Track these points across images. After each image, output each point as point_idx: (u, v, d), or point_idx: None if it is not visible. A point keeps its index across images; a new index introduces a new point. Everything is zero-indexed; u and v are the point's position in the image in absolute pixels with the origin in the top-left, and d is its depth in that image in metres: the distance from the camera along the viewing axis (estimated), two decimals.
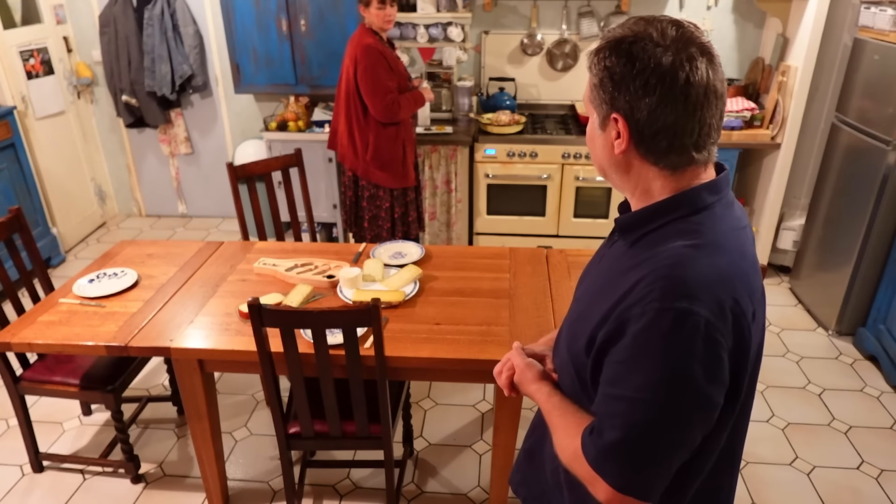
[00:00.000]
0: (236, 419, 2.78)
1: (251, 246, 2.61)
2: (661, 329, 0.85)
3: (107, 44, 4.20)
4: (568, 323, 1.10)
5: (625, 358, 0.89)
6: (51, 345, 2.00)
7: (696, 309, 0.84)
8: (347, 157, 3.26)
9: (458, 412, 2.82)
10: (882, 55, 2.93)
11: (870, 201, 3.00)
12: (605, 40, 0.93)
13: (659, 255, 0.91)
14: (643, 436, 0.88)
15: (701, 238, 0.91)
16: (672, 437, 0.89)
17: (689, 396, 0.86)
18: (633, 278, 0.91)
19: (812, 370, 3.07)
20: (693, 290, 0.85)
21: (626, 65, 0.89)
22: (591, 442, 0.93)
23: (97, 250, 4.33)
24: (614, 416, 0.90)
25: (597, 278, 1.06)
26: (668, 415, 0.87)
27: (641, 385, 0.87)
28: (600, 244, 1.18)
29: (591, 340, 0.96)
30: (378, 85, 3.01)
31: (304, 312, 1.77)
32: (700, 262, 0.88)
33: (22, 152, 3.84)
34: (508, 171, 3.76)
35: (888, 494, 2.38)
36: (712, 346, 0.85)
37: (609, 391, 0.92)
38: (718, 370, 0.87)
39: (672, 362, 0.85)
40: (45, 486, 2.45)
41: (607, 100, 0.93)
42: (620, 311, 0.90)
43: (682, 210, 0.94)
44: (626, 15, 3.90)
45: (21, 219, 2.40)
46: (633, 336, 0.87)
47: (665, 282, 0.86)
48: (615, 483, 0.91)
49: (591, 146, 1.02)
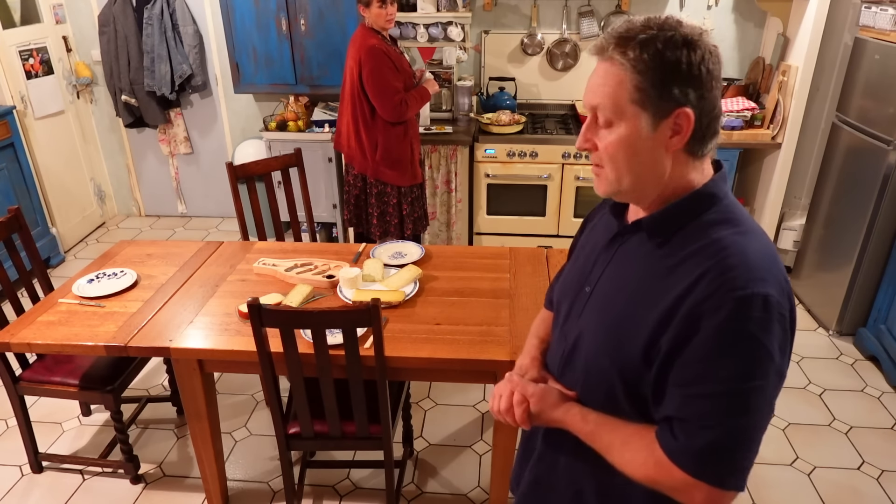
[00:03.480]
0: (236, 419, 2.77)
1: (251, 246, 2.60)
2: (743, 316, 0.85)
3: (106, 43, 4.19)
4: (596, 337, 1.03)
5: (707, 354, 0.88)
6: (50, 345, 2.00)
7: (768, 290, 0.86)
8: (356, 159, 3.25)
9: (458, 412, 2.81)
10: (883, 55, 2.92)
11: (870, 201, 3.00)
12: (643, 31, 0.89)
13: (710, 246, 0.91)
14: (741, 427, 0.88)
15: (741, 225, 0.94)
16: (763, 420, 0.90)
17: (773, 375, 0.89)
18: (688, 275, 0.90)
19: (813, 370, 3.07)
20: (761, 274, 0.87)
21: (689, 53, 0.88)
22: (682, 449, 0.90)
23: (96, 250, 4.33)
24: (707, 416, 0.88)
25: (621, 284, 1.01)
26: (760, 399, 0.88)
27: (731, 376, 0.87)
28: (586, 246, 1.14)
29: (649, 348, 0.93)
30: (385, 86, 3.01)
31: (304, 312, 1.76)
32: (753, 247, 0.90)
33: (21, 152, 3.84)
34: (508, 171, 3.76)
35: (889, 495, 2.38)
36: (782, 322, 0.88)
37: (694, 391, 0.89)
38: (787, 345, 0.91)
39: (758, 346, 0.86)
40: (45, 486, 2.45)
41: (669, 94, 0.89)
42: (687, 310, 0.88)
43: (710, 201, 0.96)
44: (627, 15, 3.90)
45: (20, 219, 2.40)
46: (714, 329, 0.86)
47: (734, 271, 0.87)
48: (720, 482, 0.90)
49: (625, 155, 0.94)
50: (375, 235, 3.42)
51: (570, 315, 1.11)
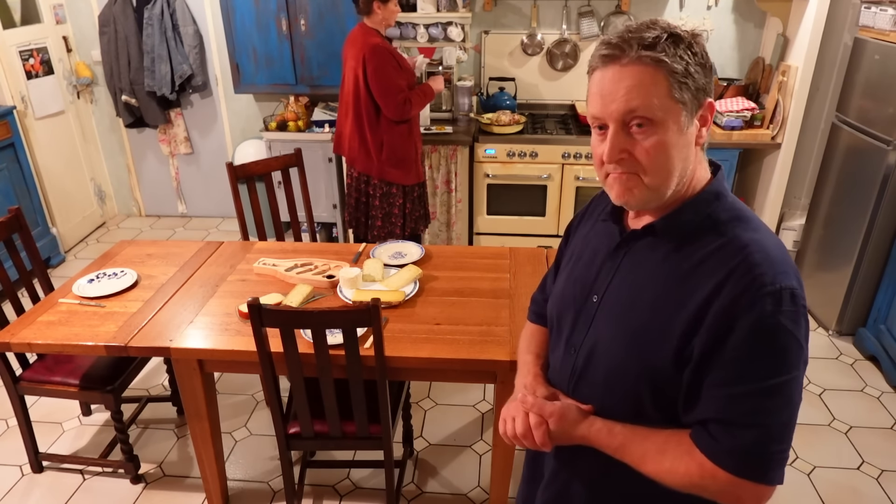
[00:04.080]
0: (236, 419, 2.77)
1: (251, 246, 2.60)
2: (777, 311, 0.87)
3: (106, 43, 4.19)
4: (615, 343, 1.00)
5: (745, 352, 0.88)
6: (50, 345, 2.00)
7: (793, 283, 0.89)
8: (359, 160, 3.23)
9: (458, 412, 2.81)
10: (882, 55, 2.92)
11: (870, 201, 3.00)
12: (667, 32, 0.90)
13: (729, 245, 0.92)
14: (784, 420, 0.89)
15: (751, 222, 0.95)
16: (797, 407, 0.91)
17: (803, 364, 0.90)
18: (713, 275, 0.90)
19: (812, 370, 3.07)
20: (783, 269, 0.89)
21: (703, 48, 0.92)
22: (726, 450, 0.90)
23: (97, 250, 4.33)
24: (749, 415, 0.89)
25: (640, 289, 0.99)
26: (796, 390, 0.90)
27: (771, 372, 0.88)
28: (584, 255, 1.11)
29: (679, 352, 0.92)
30: (390, 85, 3.01)
31: (304, 312, 1.76)
32: (770, 244, 0.92)
33: (21, 152, 3.84)
34: (508, 171, 3.76)
35: (889, 495, 2.38)
36: (805, 313, 0.90)
37: (730, 391, 0.89)
38: (808, 333, 0.92)
39: (791, 339, 0.88)
40: (45, 486, 2.45)
41: (702, 88, 0.92)
42: (718, 311, 0.88)
43: (717, 200, 0.97)
44: (627, 15, 3.90)
45: (20, 219, 2.40)
46: (751, 327, 0.87)
47: (761, 268, 0.88)
48: (765, 478, 0.90)
49: (666, 156, 0.92)
50: (381, 237, 3.38)
51: (575, 327, 1.08)
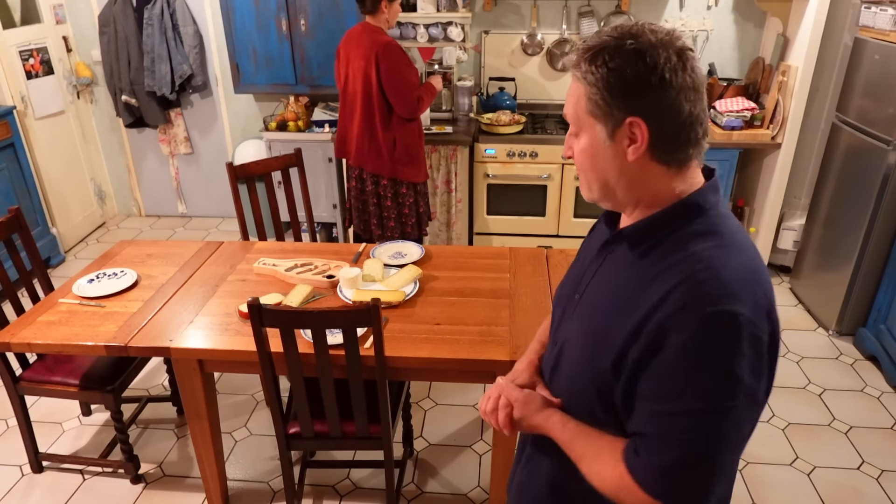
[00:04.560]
0: (236, 419, 2.77)
1: (251, 246, 2.60)
2: (709, 334, 0.83)
3: (106, 43, 4.19)
4: (578, 343, 1.02)
5: (672, 370, 0.85)
6: (50, 345, 2.00)
7: (740, 309, 0.83)
8: (369, 161, 3.19)
9: (458, 412, 2.81)
10: (882, 55, 2.92)
11: (870, 201, 3.00)
12: (595, 47, 0.89)
13: (686, 260, 0.88)
14: (705, 448, 0.85)
15: (722, 238, 0.90)
16: (728, 446, 0.87)
17: (742, 398, 0.84)
18: (661, 288, 0.87)
19: (812, 370, 3.07)
20: (733, 291, 0.84)
21: (637, 63, 0.86)
22: (643, 466, 0.89)
23: (97, 250, 4.33)
24: (669, 434, 0.86)
25: (604, 292, 1.00)
26: (725, 422, 0.85)
27: (695, 395, 0.84)
28: (583, 253, 1.14)
29: (619, 359, 0.91)
30: (405, 82, 3.01)
31: (304, 312, 1.76)
32: (730, 263, 0.87)
33: (21, 152, 3.84)
34: (508, 171, 3.76)
35: (889, 495, 2.38)
36: (756, 343, 0.84)
37: (657, 408, 0.87)
38: (761, 367, 0.86)
39: (724, 366, 0.83)
40: (45, 486, 2.45)
41: (620, 104, 0.88)
42: (656, 323, 0.86)
43: (694, 212, 0.93)
44: (627, 15, 3.90)
45: (20, 219, 2.40)
46: (680, 346, 0.84)
47: (705, 286, 0.84)
48: (677, 503, 0.87)
49: (590, 164, 0.95)
50: (397, 237, 3.35)
51: (561, 321, 1.10)
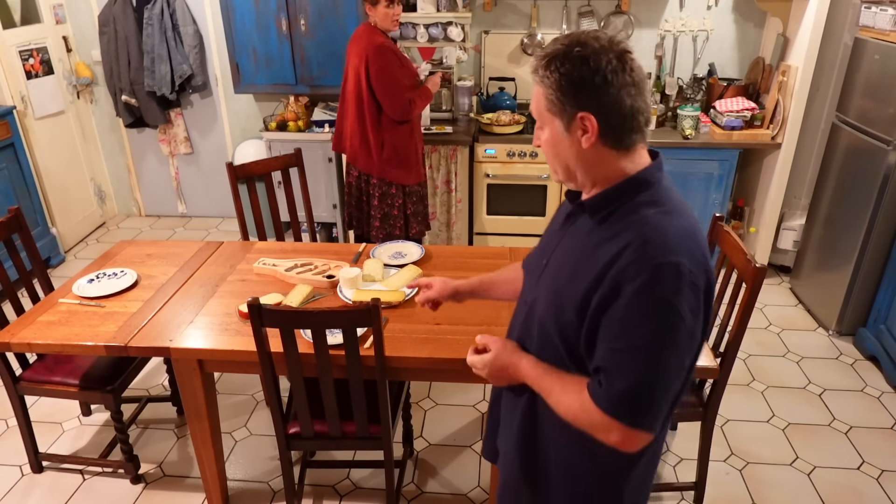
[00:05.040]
0: (236, 419, 2.77)
1: (251, 246, 2.60)
2: (656, 280, 1.00)
3: (106, 43, 4.19)
4: (545, 300, 1.19)
5: (626, 313, 1.02)
6: (50, 345, 2.00)
7: (681, 260, 1.01)
8: (360, 159, 3.22)
9: (458, 412, 2.81)
10: (882, 55, 2.92)
11: (870, 201, 3.00)
12: (549, 55, 1.07)
13: (636, 223, 1.06)
14: (653, 376, 1.03)
15: (666, 206, 1.08)
16: (673, 373, 1.05)
17: (683, 334, 1.03)
18: (616, 246, 1.05)
19: (812, 370, 3.07)
20: (675, 247, 1.02)
21: (583, 67, 1.04)
22: (603, 392, 1.06)
23: (97, 250, 4.33)
24: (623, 366, 1.04)
25: (568, 255, 1.17)
26: (670, 354, 1.03)
27: (644, 333, 1.02)
28: (550, 227, 1.32)
29: (582, 307, 1.08)
30: (395, 84, 3.00)
31: (304, 312, 1.76)
32: (673, 225, 1.05)
33: (21, 152, 3.84)
34: (508, 171, 3.76)
35: (889, 495, 2.38)
36: (694, 289, 1.03)
37: (614, 345, 1.05)
38: (698, 309, 1.05)
39: (669, 306, 1.01)
40: (45, 486, 2.45)
41: (571, 102, 1.06)
42: (613, 275, 1.03)
43: (643, 186, 1.10)
44: (627, 15, 3.90)
45: (20, 219, 2.40)
46: (633, 293, 1.01)
47: (653, 243, 1.02)
48: (632, 422, 1.05)
49: (553, 152, 1.14)
50: (377, 239, 3.39)
51: (529, 284, 1.29)
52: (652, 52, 4.00)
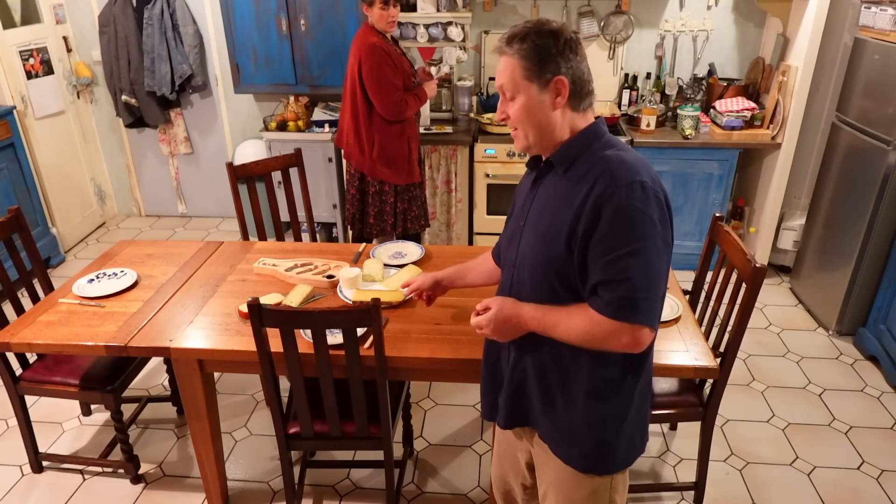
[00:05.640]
0: (236, 419, 2.77)
1: (251, 246, 2.60)
2: (629, 196, 1.19)
3: (106, 43, 4.19)
4: (531, 249, 1.34)
5: (609, 229, 1.20)
6: (50, 345, 2.00)
7: (644, 179, 1.21)
8: (353, 156, 3.27)
9: (458, 412, 2.81)
10: (882, 55, 2.92)
11: (870, 201, 3.00)
12: (520, 32, 1.25)
13: (601, 161, 1.26)
14: (643, 275, 1.20)
15: (619, 147, 1.30)
16: (661, 271, 1.23)
17: (659, 238, 1.21)
18: (588, 181, 1.24)
19: (812, 370, 3.07)
20: (636, 170, 1.22)
21: (554, 38, 1.25)
22: (606, 303, 1.22)
23: (97, 250, 4.33)
24: (618, 273, 1.20)
25: (544, 206, 1.34)
26: (653, 255, 1.21)
27: (628, 241, 1.19)
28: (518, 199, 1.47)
29: (570, 237, 1.25)
30: (384, 83, 3.02)
31: (304, 312, 1.76)
32: (629, 157, 1.26)
33: (21, 152, 3.84)
34: (508, 171, 3.76)
35: (889, 495, 2.38)
36: (658, 200, 1.22)
37: (605, 259, 1.21)
38: (666, 219, 1.24)
39: (643, 216, 1.20)
40: (45, 486, 2.45)
41: (547, 67, 1.24)
42: (591, 203, 1.21)
43: (597, 136, 1.31)
44: (626, 15, 3.90)
45: (20, 219, 2.40)
46: (612, 210, 1.19)
47: (619, 170, 1.22)
48: (638, 320, 1.21)
49: (526, 116, 1.29)
50: (372, 234, 3.43)
51: (510, 247, 1.43)
52: (652, 52, 4.00)
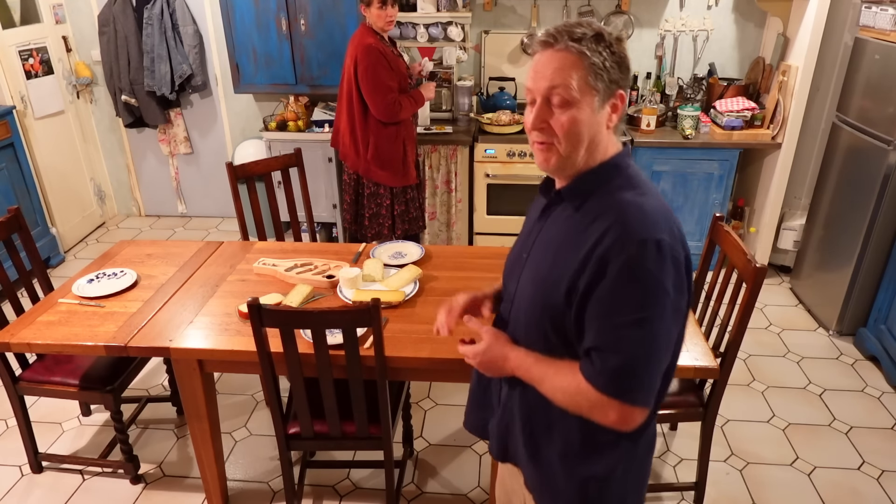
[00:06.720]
0: (236, 419, 2.77)
1: (251, 246, 2.60)
2: (641, 257, 1.03)
3: (106, 43, 4.19)
4: (530, 289, 1.20)
5: (613, 291, 1.05)
6: (50, 345, 2.00)
7: (661, 236, 1.05)
8: (349, 157, 3.27)
9: (458, 412, 2.81)
10: (883, 55, 2.92)
11: (870, 201, 3.00)
12: (596, 31, 1.08)
13: (615, 205, 1.10)
14: (643, 351, 1.06)
15: (641, 189, 1.13)
16: (663, 346, 1.08)
17: (669, 308, 1.06)
18: (598, 228, 1.08)
19: (813, 370, 3.07)
20: (654, 224, 1.06)
21: (622, 48, 1.10)
22: (597, 371, 1.08)
23: (96, 250, 4.33)
24: (614, 342, 1.06)
25: (549, 244, 1.19)
26: (658, 327, 1.06)
27: (633, 307, 1.04)
28: (527, 224, 1.33)
29: (570, 290, 1.10)
30: (379, 84, 3.02)
31: (304, 312, 1.76)
32: (649, 205, 1.09)
33: (21, 152, 3.84)
34: (508, 171, 3.76)
35: (889, 495, 2.38)
36: (676, 264, 1.06)
37: (603, 323, 1.07)
38: (682, 284, 1.08)
39: (654, 281, 1.04)
40: (45, 486, 2.45)
41: (615, 80, 1.09)
42: (597, 256, 1.06)
43: (617, 170, 1.15)
44: (627, 15, 3.90)
45: (20, 219, 2.40)
46: (618, 270, 1.04)
47: (633, 222, 1.06)
48: (628, 399, 1.07)
49: (579, 129, 1.10)
50: (367, 236, 3.42)
51: (511, 279, 1.30)
52: (652, 52, 4.00)
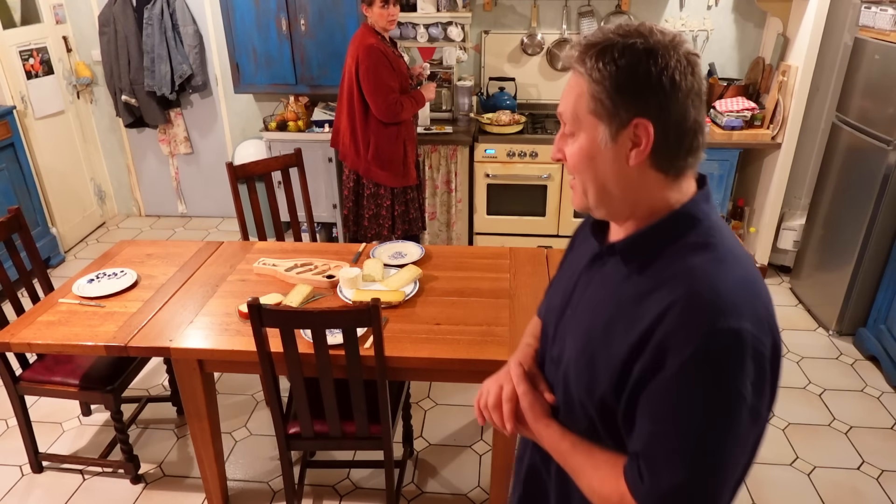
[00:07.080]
0: (236, 419, 2.77)
1: (251, 246, 2.60)
2: (711, 353, 0.80)
3: (106, 43, 4.19)
4: (575, 363, 0.97)
5: (671, 390, 0.82)
6: (50, 345, 2.00)
7: (742, 325, 0.80)
8: (349, 157, 3.28)
9: (458, 412, 2.81)
10: (883, 55, 2.92)
11: (870, 201, 3.00)
12: (601, 43, 0.85)
13: (683, 274, 0.85)
14: (707, 469, 0.82)
15: (719, 250, 0.87)
16: (731, 464, 0.83)
17: (745, 417, 0.82)
18: (660, 304, 0.84)
19: (812, 370, 3.07)
20: (733, 306, 0.81)
21: (648, 61, 0.82)
22: (646, 489, 0.84)
23: (97, 250, 4.33)
24: (669, 457, 0.82)
25: (598, 309, 0.94)
26: (729, 441, 0.82)
27: (696, 416, 0.81)
28: (571, 263, 1.09)
29: (622, 377, 0.87)
30: (380, 85, 3.02)
31: (304, 312, 1.76)
32: (729, 276, 0.84)
33: (21, 152, 3.84)
34: (508, 171, 3.76)
35: (889, 495, 2.38)
36: (759, 359, 0.82)
37: (658, 428, 0.83)
38: (764, 383, 0.84)
39: (727, 385, 0.80)
40: (45, 486, 2.45)
41: (628, 104, 0.84)
42: (656, 341, 0.82)
43: (689, 224, 0.89)
44: (627, 15, 3.90)
45: (20, 219, 2.40)
46: (679, 366, 0.80)
47: (703, 304, 0.81)
48: None
49: (587, 166, 0.90)
50: (367, 237, 3.42)
51: (555, 339, 1.05)
52: None
